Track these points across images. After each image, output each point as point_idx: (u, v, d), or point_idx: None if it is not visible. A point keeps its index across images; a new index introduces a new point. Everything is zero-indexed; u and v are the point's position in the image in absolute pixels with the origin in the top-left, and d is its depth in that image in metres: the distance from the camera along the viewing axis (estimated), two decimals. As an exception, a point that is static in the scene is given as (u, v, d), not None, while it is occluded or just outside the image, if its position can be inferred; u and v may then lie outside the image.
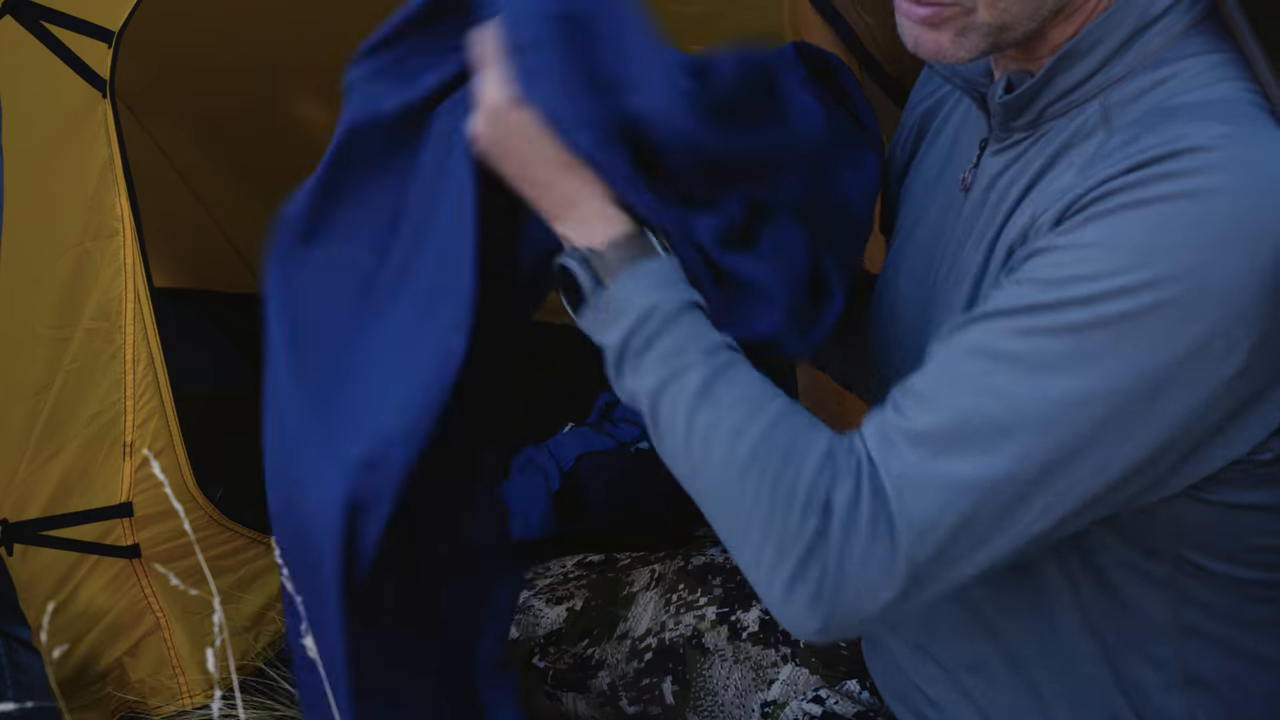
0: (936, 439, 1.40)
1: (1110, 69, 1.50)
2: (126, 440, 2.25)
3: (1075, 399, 1.38)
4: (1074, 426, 1.38)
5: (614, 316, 1.54)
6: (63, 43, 2.15)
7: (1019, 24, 1.52)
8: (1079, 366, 1.37)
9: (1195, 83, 1.46)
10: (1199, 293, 1.35)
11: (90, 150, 2.21)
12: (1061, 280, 1.38)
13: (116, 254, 2.23)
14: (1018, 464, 1.38)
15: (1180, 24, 1.50)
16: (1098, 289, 1.36)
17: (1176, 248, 1.35)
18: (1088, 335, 1.37)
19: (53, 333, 2.20)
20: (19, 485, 2.18)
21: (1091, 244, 1.38)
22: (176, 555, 2.29)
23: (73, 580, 2.24)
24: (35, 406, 2.18)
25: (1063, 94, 1.53)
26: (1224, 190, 1.35)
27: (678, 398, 1.48)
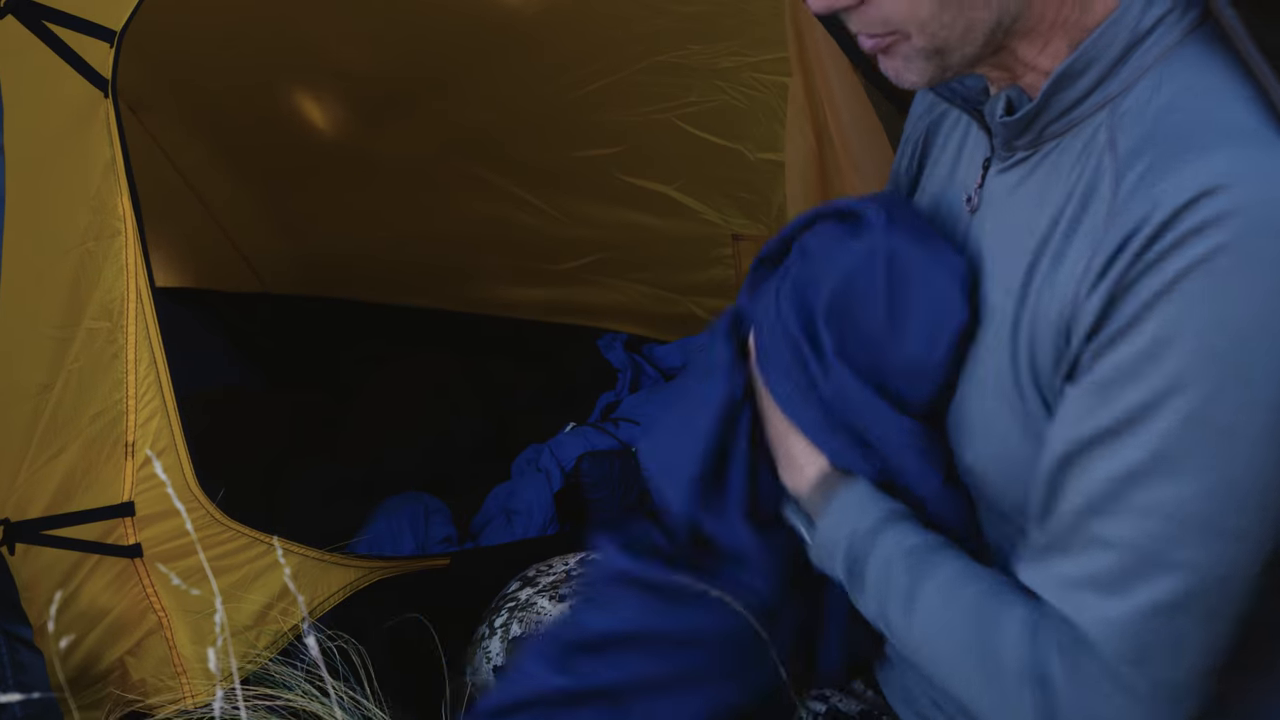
0: (1116, 576, 1.42)
1: (1107, 86, 1.48)
2: (128, 440, 2.23)
3: (1211, 490, 1.39)
4: (1224, 509, 1.39)
5: (828, 555, 1.68)
6: (64, 42, 2.13)
7: (955, 47, 1.51)
8: (1201, 460, 1.39)
9: (1195, 97, 1.43)
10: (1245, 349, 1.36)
11: (92, 150, 2.19)
12: (1140, 391, 1.38)
13: (118, 254, 2.20)
14: (1199, 567, 1.41)
15: (1173, 35, 1.47)
16: (1159, 389, 1.37)
17: (1210, 319, 1.35)
18: (1191, 433, 1.37)
19: (55, 332, 2.18)
20: (21, 485, 2.15)
21: (1151, 346, 1.38)
22: (178, 555, 2.27)
23: (75, 579, 2.22)
24: (38, 406, 2.16)
25: (1063, 113, 1.51)
26: (1250, 235, 1.34)
27: (892, 613, 1.60)
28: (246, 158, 3.98)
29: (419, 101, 3.70)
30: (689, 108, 3.40)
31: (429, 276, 4.00)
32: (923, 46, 1.51)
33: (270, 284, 4.23)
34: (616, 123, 3.50)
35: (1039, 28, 1.51)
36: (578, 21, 3.37)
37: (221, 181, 4.04)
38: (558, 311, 3.88)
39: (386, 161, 3.84)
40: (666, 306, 3.64)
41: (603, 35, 3.37)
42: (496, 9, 3.42)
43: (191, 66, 3.67)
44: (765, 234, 3.41)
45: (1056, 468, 1.46)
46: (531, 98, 3.56)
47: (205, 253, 4.17)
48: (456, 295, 4.00)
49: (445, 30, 3.50)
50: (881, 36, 1.52)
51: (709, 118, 3.38)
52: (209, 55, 3.63)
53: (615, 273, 3.72)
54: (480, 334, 3.99)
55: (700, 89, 3.35)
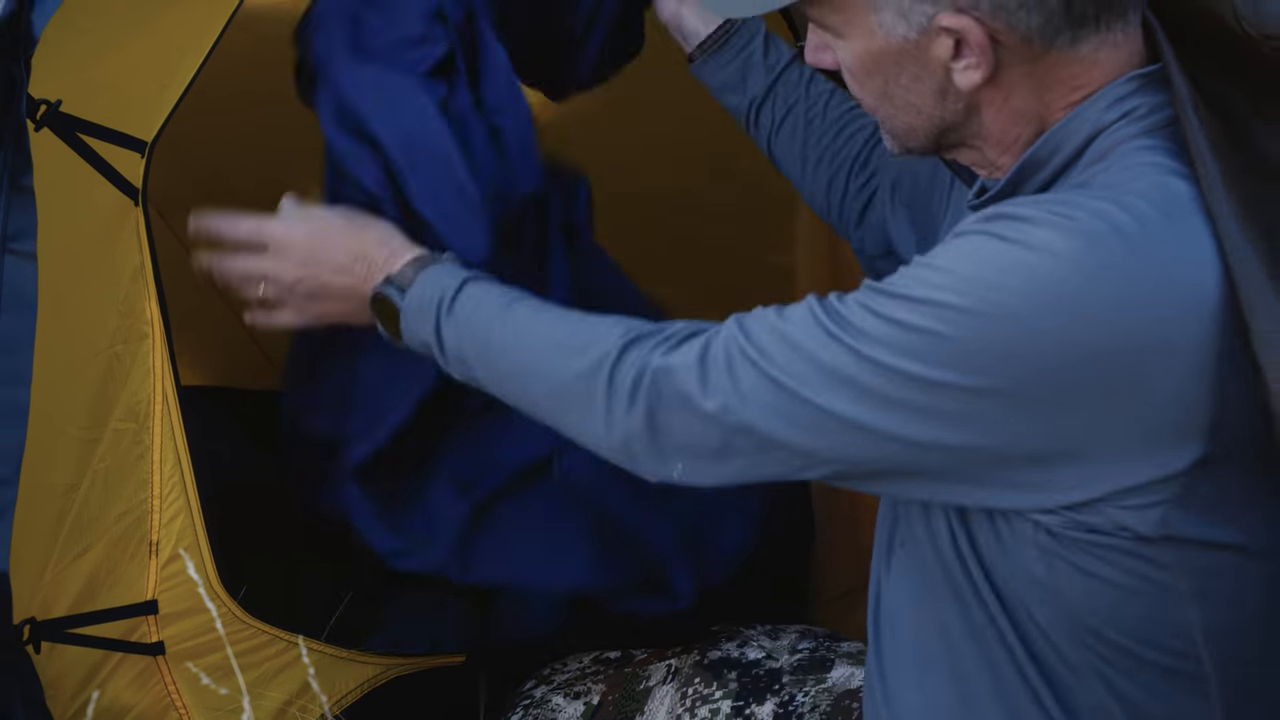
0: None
1: (1069, 174, 1.48)
2: (153, 539, 2.17)
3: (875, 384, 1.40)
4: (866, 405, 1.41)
5: (419, 315, 1.78)
6: (97, 153, 2.12)
7: (903, 138, 1.57)
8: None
9: (1130, 171, 1.43)
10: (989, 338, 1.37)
11: (122, 256, 2.16)
12: (904, 283, 1.42)
13: (146, 357, 2.17)
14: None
15: (1134, 129, 1.46)
16: (921, 296, 1.39)
17: (994, 285, 1.36)
18: (908, 330, 1.39)
19: (83, 433, 2.14)
20: (47, 583, 2.11)
21: (930, 261, 1.42)
22: (200, 652, 2.20)
23: (98, 677, 2.16)
24: (64, 506, 2.13)
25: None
26: (1063, 256, 1.35)
27: (481, 327, 1.71)
28: (269, 261, 3.96)
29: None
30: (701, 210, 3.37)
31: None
32: (886, 132, 1.59)
33: (291, 381, 4.19)
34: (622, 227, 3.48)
35: (992, 139, 1.53)
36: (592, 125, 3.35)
37: (245, 283, 4.02)
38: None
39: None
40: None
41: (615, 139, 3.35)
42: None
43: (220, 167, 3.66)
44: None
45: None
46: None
47: (229, 350, 4.13)
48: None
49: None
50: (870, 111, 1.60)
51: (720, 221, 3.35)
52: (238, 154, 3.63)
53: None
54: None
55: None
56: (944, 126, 1.53)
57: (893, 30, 1.47)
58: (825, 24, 1.54)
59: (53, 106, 2.03)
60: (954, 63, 1.47)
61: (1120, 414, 1.38)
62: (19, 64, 2.02)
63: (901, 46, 1.48)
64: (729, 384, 1.46)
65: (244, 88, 3.18)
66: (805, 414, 1.42)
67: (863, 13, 1.48)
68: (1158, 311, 1.36)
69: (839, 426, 1.41)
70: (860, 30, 1.50)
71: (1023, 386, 1.37)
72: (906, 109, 1.53)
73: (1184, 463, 1.38)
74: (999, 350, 1.36)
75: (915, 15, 1.45)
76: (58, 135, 2.06)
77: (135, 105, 2.18)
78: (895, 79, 1.51)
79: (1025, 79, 1.47)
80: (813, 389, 1.41)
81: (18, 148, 2.04)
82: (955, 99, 1.50)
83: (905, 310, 1.38)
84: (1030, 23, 1.43)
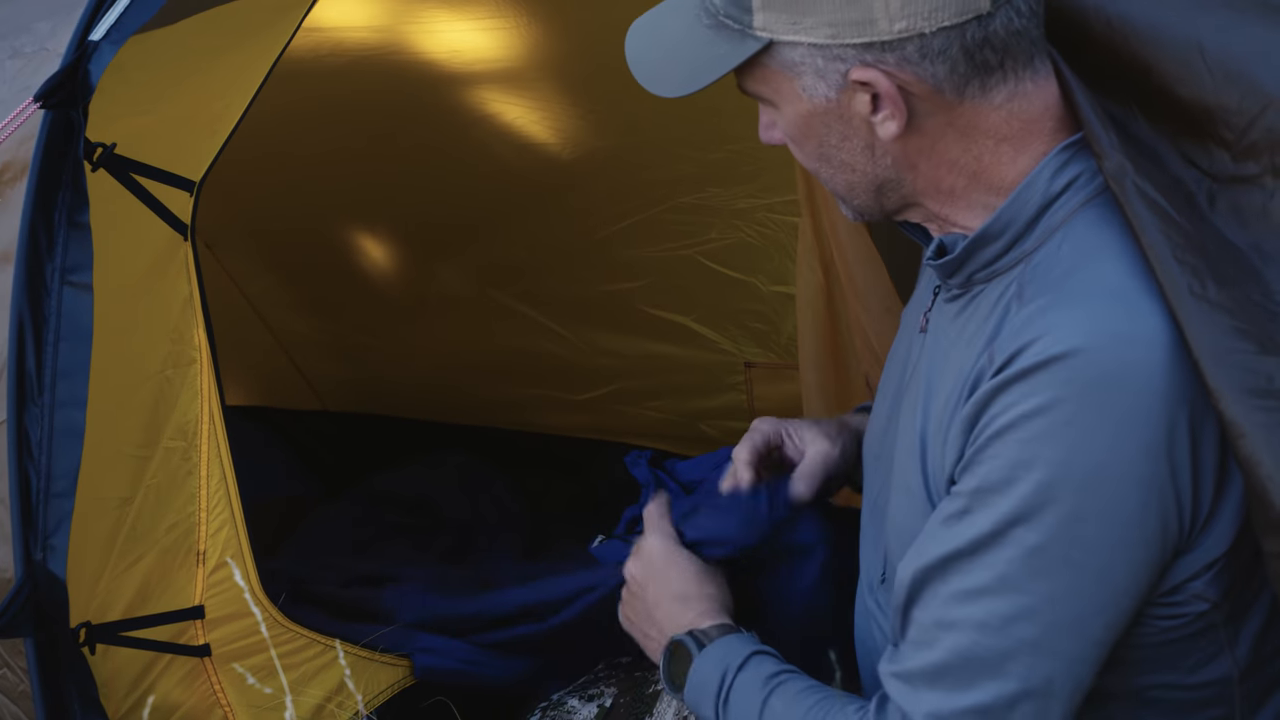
0: (952, 677, 1.45)
1: (1023, 244, 1.50)
2: (200, 549, 2.23)
3: (1045, 615, 1.42)
4: (1055, 633, 1.42)
5: (702, 688, 1.72)
6: (149, 192, 2.17)
7: (849, 197, 1.59)
8: (1040, 588, 1.42)
9: (1084, 254, 1.45)
10: (1082, 493, 1.38)
11: (172, 287, 2.21)
12: (990, 519, 1.42)
13: (194, 380, 2.22)
14: (1025, 679, 1.44)
15: (1079, 197, 1.48)
16: (1005, 520, 1.40)
17: (1050, 461, 1.37)
18: (1032, 562, 1.40)
19: (136, 451, 2.18)
20: (102, 590, 2.15)
21: (1000, 477, 1.40)
22: (243, 654, 2.26)
23: (149, 677, 2.21)
24: (119, 518, 2.16)
25: (984, 265, 1.54)
26: (1075, 399, 1.36)
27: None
28: (308, 290, 4.02)
29: (462, 243, 3.74)
30: (708, 244, 3.42)
31: (469, 399, 4.01)
32: (834, 191, 1.61)
33: (329, 402, 4.24)
34: (640, 258, 3.53)
35: (929, 191, 1.55)
36: (607, 169, 3.41)
37: (286, 310, 4.07)
38: (583, 431, 3.89)
39: (433, 297, 3.87)
40: (682, 429, 3.64)
41: (629, 180, 3.41)
42: (533, 160, 3.46)
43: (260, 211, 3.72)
44: (776, 361, 3.42)
45: (919, 576, 1.49)
46: (562, 238, 3.60)
47: (271, 374, 4.19)
48: (494, 415, 4.01)
49: (486, 179, 3.55)
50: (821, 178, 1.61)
51: (726, 253, 3.40)
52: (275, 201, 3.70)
53: (634, 401, 3.73)
54: (516, 446, 3.99)
55: (719, 227, 3.38)
56: (880, 182, 1.54)
57: (814, 92, 1.50)
58: (760, 96, 1.56)
59: (108, 149, 2.06)
60: (873, 116, 1.49)
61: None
62: (78, 110, 2.02)
63: (825, 107, 1.50)
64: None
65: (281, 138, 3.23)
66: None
67: (786, 80, 1.51)
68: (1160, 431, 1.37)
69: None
70: (787, 97, 1.52)
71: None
72: (842, 168, 1.55)
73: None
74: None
75: (830, 74, 1.47)
76: (113, 175, 2.10)
77: (184, 148, 2.23)
78: (826, 139, 1.53)
79: (946, 129, 1.49)
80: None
81: (75, 187, 2.03)
82: (883, 153, 1.52)
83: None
84: (936, 73, 1.45)
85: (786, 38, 1.48)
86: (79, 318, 2.04)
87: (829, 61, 1.47)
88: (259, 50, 2.28)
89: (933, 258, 1.58)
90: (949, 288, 1.60)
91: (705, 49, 1.53)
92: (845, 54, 1.46)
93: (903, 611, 1.52)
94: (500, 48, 3.26)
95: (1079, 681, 1.45)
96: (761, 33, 1.49)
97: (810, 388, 2.84)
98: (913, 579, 1.49)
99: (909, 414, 1.64)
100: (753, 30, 1.49)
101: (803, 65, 1.49)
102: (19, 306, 2.01)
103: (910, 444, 1.60)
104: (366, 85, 3.39)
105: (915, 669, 1.48)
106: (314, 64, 3.24)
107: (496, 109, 3.42)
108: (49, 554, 2.00)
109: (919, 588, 1.49)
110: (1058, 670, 1.43)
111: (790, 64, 1.49)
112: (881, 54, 1.45)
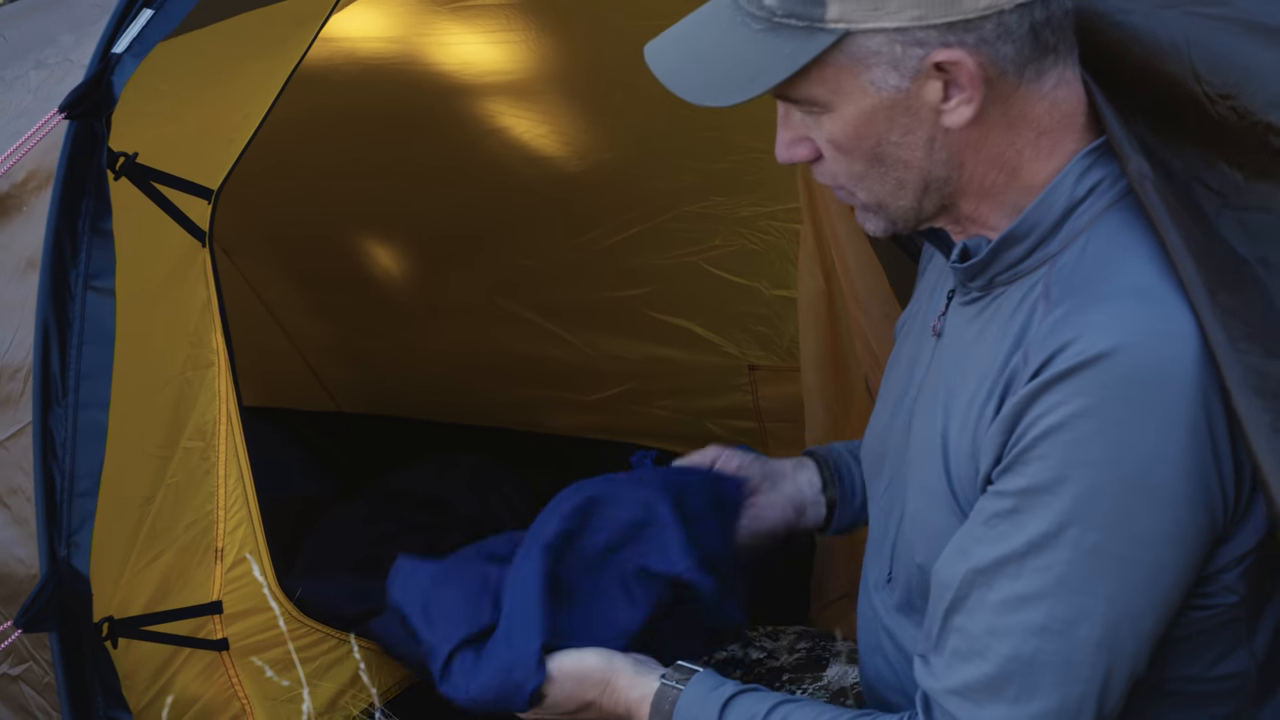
0: (1009, 685, 1.44)
1: (1047, 246, 1.51)
2: (218, 546, 2.26)
3: (1104, 615, 1.41)
4: (1114, 632, 1.42)
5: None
6: (169, 200, 2.19)
7: (891, 202, 1.55)
8: (1098, 588, 1.42)
9: (1111, 255, 1.47)
10: (1135, 489, 1.39)
11: (191, 292, 2.24)
12: (1042, 521, 1.41)
13: (212, 382, 2.25)
14: (1087, 680, 1.44)
15: (1103, 201, 1.49)
16: (1059, 521, 1.40)
17: (1102, 460, 1.39)
18: (1090, 563, 1.40)
19: (157, 451, 2.21)
20: (124, 586, 2.17)
21: (1049, 478, 1.41)
22: (260, 648, 2.28)
23: (169, 670, 2.23)
24: (140, 516, 2.19)
25: (1008, 267, 1.55)
26: (1121, 397, 1.38)
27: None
28: (323, 295, 4.04)
29: (472, 251, 3.76)
30: (712, 251, 3.44)
31: (480, 400, 4.03)
32: (866, 201, 1.56)
33: (343, 404, 4.26)
34: (646, 265, 3.55)
35: (970, 190, 1.53)
36: (613, 179, 3.44)
37: (301, 315, 4.09)
38: (592, 431, 3.90)
39: (443, 302, 3.90)
40: (690, 428, 3.66)
41: (635, 190, 3.44)
42: (541, 170, 3.49)
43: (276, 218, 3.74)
44: (779, 364, 3.44)
45: (965, 580, 1.47)
46: (569, 246, 3.62)
47: (286, 376, 4.20)
48: (504, 416, 4.03)
49: (495, 189, 3.58)
50: (844, 190, 1.57)
51: (729, 259, 3.42)
52: (290, 209, 3.71)
53: (642, 401, 3.74)
54: (527, 447, 4.01)
55: (723, 235, 3.40)
56: (929, 181, 1.51)
57: (884, 84, 1.44)
58: (812, 99, 1.49)
59: (130, 158, 2.09)
60: (944, 104, 1.45)
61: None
62: (101, 121, 2.04)
63: (893, 99, 1.45)
64: None
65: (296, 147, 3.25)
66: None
67: (851, 76, 1.45)
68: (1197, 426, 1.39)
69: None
70: (849, 94, 1.46)
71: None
72: (896, 166, 1.50)
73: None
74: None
75: (907, 61, 1.43)
76: (134, 184, 2.12)
77: (203, 157, 2.25)
78: (887, 136, 1.48)
79: (999, 120, 1.47)
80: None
81: (98, 196, 2.05)
82: (941, 147, 1.48)
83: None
84: (1005, 54, 1.43)
85: (865, 25, 1.42)
86: (102, 322, 2.05)
87: (908, 47, 1.42)
88: (276, 61, 2.31)
89: (957, 261, 1.58)
90: (968, 291, 1.61)
91: (763, 52, 1.46)
92: (928, 36, 1.42)
93: (944, 617, 1.50)
94: (510, 60, 3.29)
95: (1134, 676, 1.45)
96: (835, 25, 1.43)
97: (811, 389, 2.86)
98: (959, 584, 1.47)
99: (925, 415, 1.65)
100: (824, 24, 1.43)
101: (878, 55, 1.43)
102: (44, 311, 2.03)
103: (929, 444, 1.61)
104: (379, 95, 3.41)
105: (974, 681, 1.46)
106: (329, 73, 3.26)
107: (506, 120, 3.44)
108: (73, 551, 2.02)
109: (965, 593, 1.47)
110: (1116, 667, 1.43)
111: (862, 56, 1.44)
112: (963, 34, 1.41)
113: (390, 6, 3.19)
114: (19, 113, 2.35)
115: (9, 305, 2.15)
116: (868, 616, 1.83)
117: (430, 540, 3.37)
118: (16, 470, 2.11)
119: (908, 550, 1.65)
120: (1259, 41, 1.49)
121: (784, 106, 1.55)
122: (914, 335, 1.80)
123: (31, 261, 2.12)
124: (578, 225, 3.57)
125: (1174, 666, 1.52)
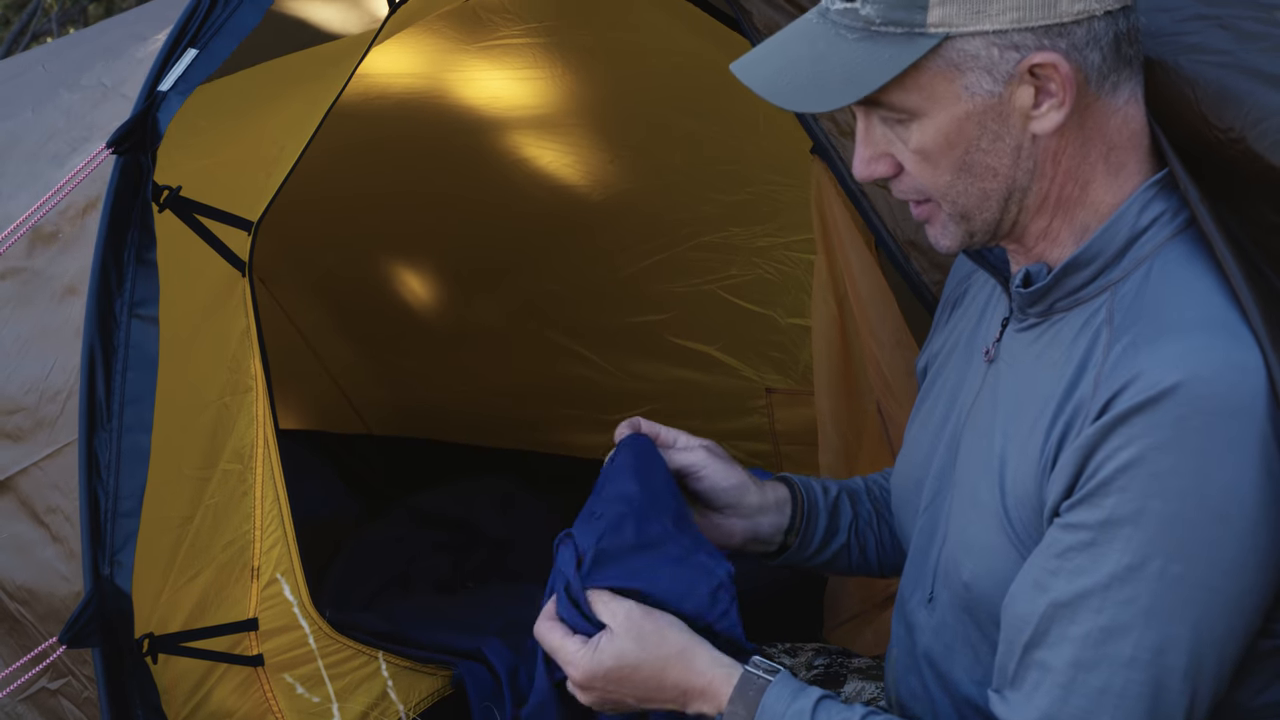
0: (1102, 715, 1.42)
1: (1109, 274, 1.49)
2: (254, 564, 2.25)
3: (1188, 643, 1.39)
4: (1200, 658, 1.40)
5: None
6: (211, 231, 2.20)
7: (976, 213, 1.52)
8: (1183, 616, 1.39)
9: (1175, 287, 1.45)
10: (1217, 519, 1.36)
11: (231, 320, 2.24)
12: (1124, 554, 1.39)
13: (250, 407, 2.24)
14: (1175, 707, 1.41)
15: (1165, 232, 1.48)
16: (1143, 553, 1.38)
17: (1183, 491, 1.36)
18: (1175, 592, 1.38)
19: (196, 473, 2.21)
20: (163, 603, 2.17)
21: (1129, 511, 1.38)
22: (294, 664, 2.28)
23: (206, 685, 2.23)
24: (180, 536, 2.19)
25: (1069, 293, 1.53)
26: (1198, 430, 1.36)
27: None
28: (355, 322, 4.05)
29: (498, 278, 3.76)
30: (730, 279, 3.44)
31: (506, 422, 4.03)
32: (950, 213, 1.53)
33: (374, 427, 4.27)
34: (666, 292, 3.55)
35: (1048, 202, 1.51)
36: (635, 210, 3.44)
37: (334, 340, 4.10)
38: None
39: (472, 327, 3.90)
40: (709, 450, 3.64)
41: (656, 221, 3.44)
42: (565, 200, 3.49)
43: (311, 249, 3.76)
44: (795, 387, 3.43)
45: (1046, 614, 1.44)
46: (593, 274, 3.62)
47: (319, 399, 4.21)
48: (531, 438, 4.03)
49: (522, 218, 3.58)
50: (920, 204, 1.54)
51: (746, 288, 3.42)
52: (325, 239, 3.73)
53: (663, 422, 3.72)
54: (551, 470, 4.00)
55: (740, 264, 3.40)
56: (1012, 190, 1.48)
57: (978, 89, 1.43)
58: (904, 106, 1.46)
59: (174, 191, 2.10)
60: (1034, 110, 1.44)
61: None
62: (146, 155, 2.05)
63: (985, 104, 1.44)
64: None
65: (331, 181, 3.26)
66: None
67: (945, 81, 1.43)
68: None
69: None
70: (944, 100, 1.44)
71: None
72: (984, 174, 1.48)
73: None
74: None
75: (1002, 65, 1.41)
76: (178, 216, 2.13)
77: (243, 190, 2.26)
78: (976, 143, 1.46)
79: (1077, 131, 1.46)
80: None
81: (144, 227, 2.05)
82: (1027, 155, 1.46)
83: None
84: (1091, 61, 1.42)
85: (966, 29, 1.40)
86: (146, 348, 2.05)
87: (1005, 50, 1.41)
88: (312, 99, 2.32)
89: (1020, 286, 1.56)
90: (1025, 317, 1.58)
91: (862, 58, 1.43)
92: (1025, 40, 1.40)
93: (1022, 652, 1.46)
94: (536, 96, 3.30)
95: (1217, 697, 1.43)
96: (936, 29, 1.41)
97: (824, 413, 2.85)
98: (1039, 619, 1.44)
99: (976, 437, 1.62)
100: (924, 29, 1.41)
101: (975, 59, 1.42)
102: (90, 338, 2.03)
103: (983, 465, 1.58)
104: (410, 130, 3.42)
105: (1060, 714, 1.42)
106: (360, 107, 3.27)
107: (532, 152, 3.45)
108: (116, 569, 2.02)
109: (1045, 627, 1.43)
110: (1201, 690, 1.40)
111: (959, 60, 1.42)
112: (1057, 38, 1.40)
113: (420, 44, 3.20)
114: (51, 134, 2.37)
115: (49, 331, 2.16)
116: (903, 637, 1.78)
117: (456, 560, 3.36)
118: (54, 490, 2.11)
119: (953, 569, 1.62)
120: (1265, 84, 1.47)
121: (864, 123, 1.52)
122: (955, 365, 1.77)
123: (70, 288, 2.13)
124: (601, 253, 3.57)
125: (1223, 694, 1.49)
